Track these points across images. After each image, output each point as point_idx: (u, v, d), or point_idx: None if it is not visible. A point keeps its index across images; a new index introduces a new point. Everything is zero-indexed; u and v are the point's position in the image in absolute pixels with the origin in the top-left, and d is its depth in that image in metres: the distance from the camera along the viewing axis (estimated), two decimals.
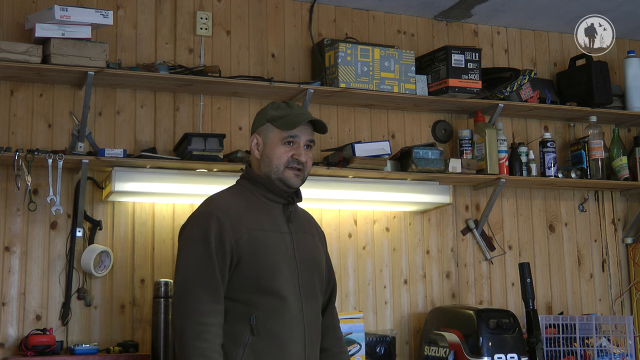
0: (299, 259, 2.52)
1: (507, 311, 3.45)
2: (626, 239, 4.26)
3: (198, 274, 2.39)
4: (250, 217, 2.49)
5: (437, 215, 3.93)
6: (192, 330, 2.32)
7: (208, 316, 2.35)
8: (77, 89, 3.38)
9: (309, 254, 2.58)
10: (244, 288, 2.42)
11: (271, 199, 2.56)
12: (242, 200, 2.54)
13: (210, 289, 2.37)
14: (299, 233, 2.58)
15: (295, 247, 2.53)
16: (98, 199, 3.36)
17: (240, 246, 2.42)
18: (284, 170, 2.53)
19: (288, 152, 2.54)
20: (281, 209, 2.57)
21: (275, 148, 2.54)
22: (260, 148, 2.58)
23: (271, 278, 2.43)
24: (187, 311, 2.36)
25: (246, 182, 2.61)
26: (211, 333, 2.34)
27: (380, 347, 3.56)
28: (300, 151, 2.55)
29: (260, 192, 2.56)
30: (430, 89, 3.77)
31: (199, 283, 2.37)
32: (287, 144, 2.54)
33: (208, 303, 2.36)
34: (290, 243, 2.52)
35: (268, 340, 2.40)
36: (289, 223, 2.56)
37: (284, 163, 2.53)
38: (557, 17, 4.13)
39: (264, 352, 2.39)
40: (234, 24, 3.71)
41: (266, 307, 2.41)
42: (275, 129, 2.55)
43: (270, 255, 2.46)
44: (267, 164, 2.55)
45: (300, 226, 2.61)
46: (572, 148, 4.12)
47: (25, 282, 3.23)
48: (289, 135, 2.54)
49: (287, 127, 2.54)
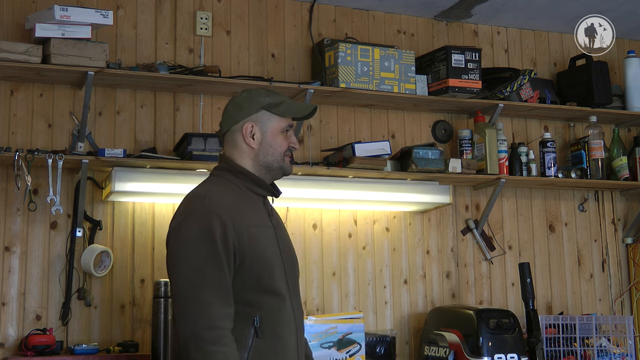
0: (284, 254, 2.42)
1: (507, 311, 3.45)
2: (626, 239, 4.26)
3: (206, 276, 2.21)
4: (244, 213, 2.34)
5: (437, 215, 3.93)
6: (210, 335, 2.16)
7: (223, 320, 2.19)
8: (77, 89, 3.38)
9: (289, 248, 2.49)
10: (246, 288, 2.28)
11: (256, 191, 2.43)
12: (231, 194, 2.38)
13: (221, 291, 2.22)
14: (279, 227, 2.49)
15: (279, 242, 2.43)
16: (98, 199, 3.36)
17: (242, 246, 2.28)
18: (283, 157, 2.45)
19: (286, 140, 2.46)
20: (262, 201, 2.45)
21: (277, 136, 2.44)
22: (257, 137, 2.42)
23: (270, 276, 2.32)
24: (200, 316, 2.17)
25: (227, 173, 2.43)
26: (229, 338, 2.19)
27: (380, 347, 3.56)
28: (295, 139, 2.49)
29: (244, 185, 2.41)
30: (430, 89, 3.77)
31: (208, 286, 2.20)
32: (285, 132, 2.46)
33: (221, 306, 2.20)
34: (275, 238, 2.41)
35: (272, 341, 2.30)
36: (271, 217, 2.45)
37: (284, 151, 2.45)
38: (557, 17, 4.13)
39: (268, 354, 2.29)
40: (234, 24, 3.71)
41: (268, 307, 2.31)
42: (274, 116, 2.44)
43: (267, 253, 2.35)
44: (269, 153, 2.43)
45: (278, 219, 2.52)
46: (572, 148, 4.12)
47: (25, 282, 3.23)
48: (289, 124, 2.46)
49: (287, 113, 2.45)
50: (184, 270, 2.25)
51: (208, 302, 2.19)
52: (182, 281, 2.25)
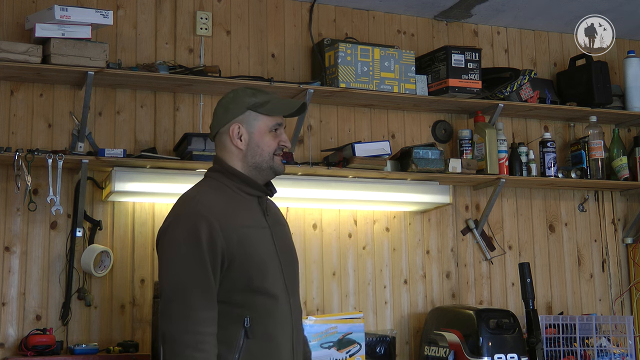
0: (281, 253, 2.40)
1: (507, 311, 3.45)
2: (626, 239, 4.26)
3: (190, 278, 2.22)
4: (235, 215, 2.33)
5: (437, 215, 3.93)
6: (188, 339, 2.17)
7: (203, 325, 2.20)
8: (77, 89, 3.38)
9: (287, 247, 2.48)
10: (235, 289, 2.27)
11: (248, 192, 2.41)
12: (222, 196, 2.37)
13: (204, 294, 2.22)
14: (275, 225, 2.45)
15: (275, 241, 2.41)
16: (98, 199, 3.36)
17: (231, 247, 2.26)
18: (272, 157, 2.43)
19: (275, 139, 2.42)
20: (257, 201, 2.43)
21: (265, 136, 2.41)
22: (244, 138, 2.40)
23: (262, 277, 2.30)
24: (179, 319, 2.19)
25: (219, 175, 2.42)
26: (208, 343, 2.19)
27: (380, 347, 3.56)
28: (285, 137, 2.46)
29: (237, 186, 2.40)
30: (430, 89, 3.77)
31: (192, 288, 2.21)
32: (274, 131, 2.44)
33: (203, 310, 2.21)
34: (270, 237, 2.39)
35: (263, 342, 2.29)
36: (266, 216, 2.42)
37: (273, 151, 2.43)
38: (557, 17, 4.13)
39: (259, 354, 2.28)
40: (234, 24, 3.71)
41: (259, 307, 2.29)
42: (261, 116, 2.42)
43: (259, 254, 2.33)
44: (257, 153, 2.41)
45: (274, 218, 2.48)
46: (572, 148, 4.12)
47: (25, 282, 3.23)
48: (277, 123, 2.44)
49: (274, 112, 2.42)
50: (169, 272, 2.27)
51: (190, 306, 2.20)
52: (166, 283, 2.26)
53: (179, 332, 2.18)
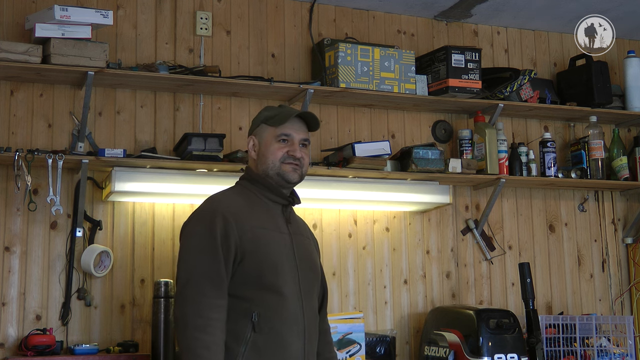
0: (299, 259, 2.56)
1: (507, 311, 3.45)
2: (626, 239, 4.26)
3: (203, 268, 2.41)
4: (252, 216, 2.53)
5: (437, 215, 3.93)
6: (196, 322, 2.34)
7: (212, 310, 2.36)
8: (77, 89, 3.38)
9: (307, 256, 2.63)
10: (246, 285, 2.44)
11: (271, 199, 2.61)
12: (244, 199, 2.59)
13: (215, 283, 2.39)
14: (297, 235, 2.63)
15: (295, 247, 2.57)
16: (98, 199, 3.36)
17: (244, 243, 2.45)
18: (280, 165, 2.59)
19: (282, 148, 2.61)
20: (280, 209, 2.62)
21: (270, 145, 2.62)
22: (256, 148, 2.65)
23: (273, 275, 2.46)
24: (191, 304, 2.37)
25: (247, 182, 2.66)
26: (215, 327, 2.35)
27: (380, 347, 3.56)
28: (295, 147, 2.62)
29: (260, 192, 2.61)
30: (430, 89, 3.77)
31: (203, 277, 2.39)
32: (282, 142, 2.61)
33: (212, 297, 2.38)
34: (290, 243, 2.57)
35: (269, 337, 2.42)
36: (288, 224, 2.61)
37: (280, 158, 2.60)
38: (557, 17, 4.13)
39: (265, 348, 2.42)
40: (234, 24, 3.71)
41: (267, 304, 2.44)
42: (268, 127, 2.64)
43: (272, 253, 2.50)
44: (263, 161, 2.62)
45: (297, 228, 2.67)
46: (572, 148, 4.12)
47: (25, 282, 3.23)
48: (282, 133, 2.61)
49: (277, 123, 2.62)
50: (185, 261, 2.47)
51: (201, 292, 2.38)
52: (182, 270, 2.47)
53: (189, 315, 2.36)
